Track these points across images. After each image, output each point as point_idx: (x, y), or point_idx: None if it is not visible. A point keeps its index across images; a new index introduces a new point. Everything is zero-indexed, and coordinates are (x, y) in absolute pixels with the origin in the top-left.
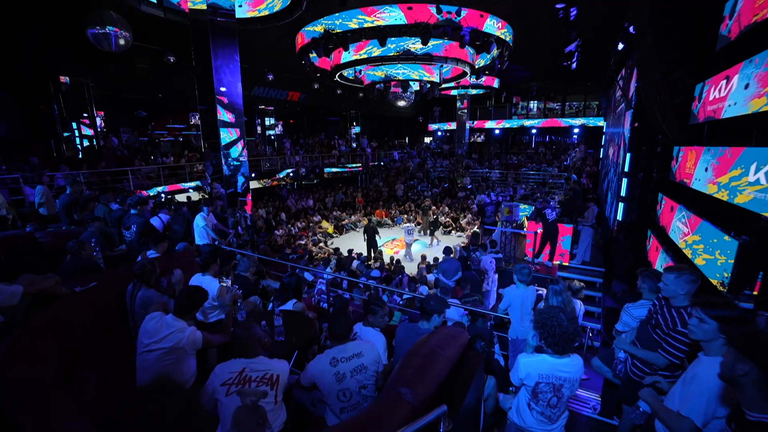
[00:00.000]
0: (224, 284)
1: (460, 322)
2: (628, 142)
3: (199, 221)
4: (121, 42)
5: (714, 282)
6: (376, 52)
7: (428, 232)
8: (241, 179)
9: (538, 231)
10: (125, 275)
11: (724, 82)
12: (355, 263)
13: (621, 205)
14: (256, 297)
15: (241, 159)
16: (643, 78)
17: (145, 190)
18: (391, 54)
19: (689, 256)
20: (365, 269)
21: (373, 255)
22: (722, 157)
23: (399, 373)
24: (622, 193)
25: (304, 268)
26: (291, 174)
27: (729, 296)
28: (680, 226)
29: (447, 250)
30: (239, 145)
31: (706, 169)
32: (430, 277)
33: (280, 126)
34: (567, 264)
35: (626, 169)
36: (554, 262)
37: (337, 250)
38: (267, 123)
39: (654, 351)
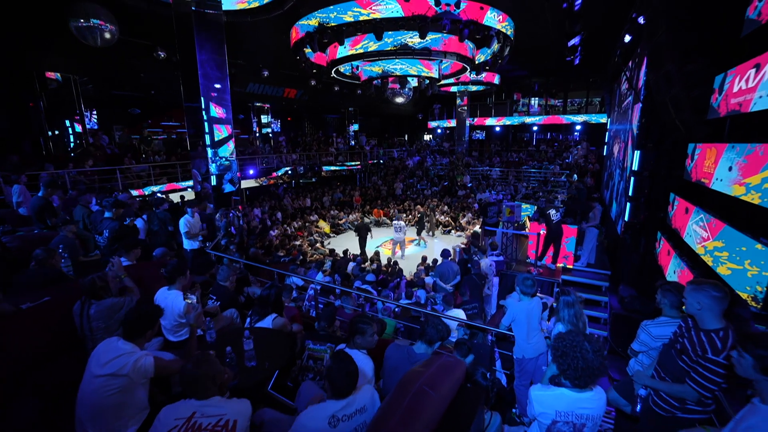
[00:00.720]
0: (189, 300)
1: (460, 339)
2: (636, 139)
3: (182, 226)
4: (107, 36)
5: (743, 295)
6: (373, 46)
7: (431, 233)
8: (229, 181)
9: (541, 232)
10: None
11: (753, 70)
12: (350, 266)
13: (628, 205)
14: (232, 310)
15: (230, 158)
16: (654, 70)
17: (140, 189)
18: (388, 48)
19: (710, 263)
20: (360, 273)
21: (367, 255)
22: (752, 154)
23: (381, 421)
24: (630, 192)
25: (292, 274)
26: (290, 172)
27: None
28: (698, 230)
29: (445, 253)
30: (230, 144)
31: (731, 168)
32: (429, 279)
33: (277, 124)
34: (571, 267)
35: (634, 167)
36: (558, 265)
37: (332, 251)
38: (264, 121)
39: (681, 382)
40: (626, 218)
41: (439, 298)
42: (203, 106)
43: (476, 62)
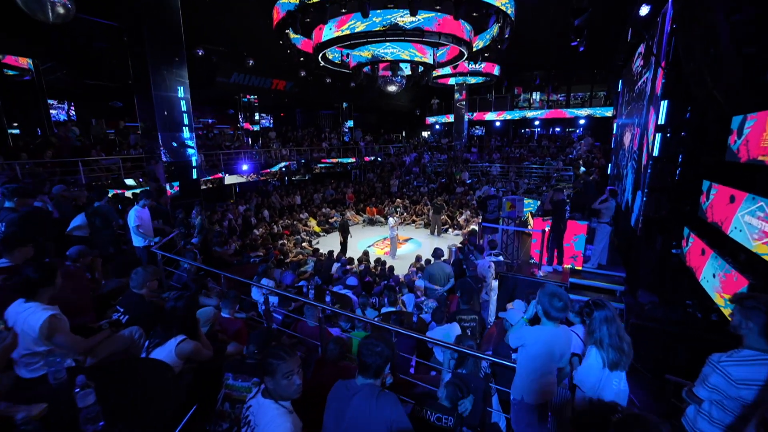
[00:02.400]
0: None
1: (451, 380)
2: (660, 120)
3: (131, 219)
4: (60, 10)
5: None
6: (360, 26)
7: (435, 233)
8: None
9: (546, 229)
10: None
11: None
12: (335, 267)
13: (647, 198)
14: (134, 329)
15: (190, 144)
16: (687, 30)
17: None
18: (377, 29)
19: None
20: (343, 275)
21: (351, 254)
22: None
23: None
24: (650, 182)
25: (243, 281)
26: (284, 168)
27: None
28: (754, 223)
29: (437, 252)
30: (188, 129)
31: None
32: (420, 282)
33: (270, 120)
34: (580, 268)
35: (655, 152)
36: (565, 266)
37: (316, 251)
38: (255, 117)
39: None
40: (645, 213)
41: (428, 305)
42: (149, 81)
43: (474, 48)
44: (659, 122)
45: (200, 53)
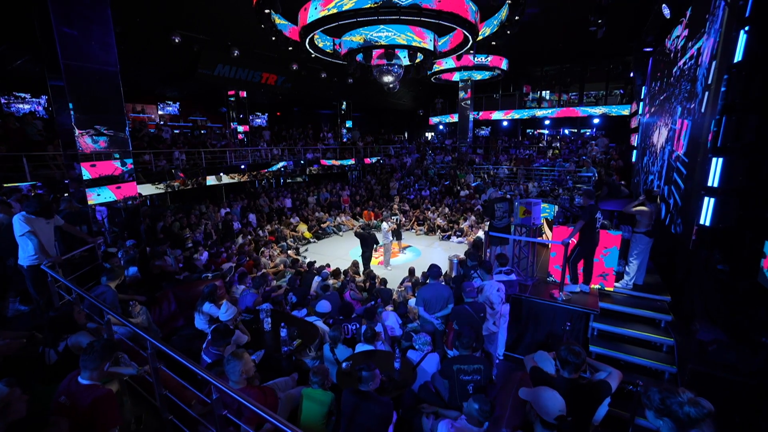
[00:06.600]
0: None
1: None
2: (725, 98)
3: (18, 227)
4: None
5: None
6: (349, 3)
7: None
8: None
9: (571, 240)
10: None
11: None
12: (315, 281)
13: (710, 202)
14: None
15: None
16: None
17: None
18: (368, 6)
19: None
20: (323, 292)
21: (339, 264)
22: None
23: None
24: (714, 181)
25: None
26: (282, 169)
27: None
28: None
29: (434, 271)
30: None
31: None
32: (413, 303)
33: (264, 118)
34: (611, 289)
35: (718, 143)
36: (591, 287)
37: (295, 262)
38: (251, 115)
39: None
40: (705, 221)
41: (419, 341)
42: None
43: (480, 35)
44: (728, 101)
45: (177, 40)
